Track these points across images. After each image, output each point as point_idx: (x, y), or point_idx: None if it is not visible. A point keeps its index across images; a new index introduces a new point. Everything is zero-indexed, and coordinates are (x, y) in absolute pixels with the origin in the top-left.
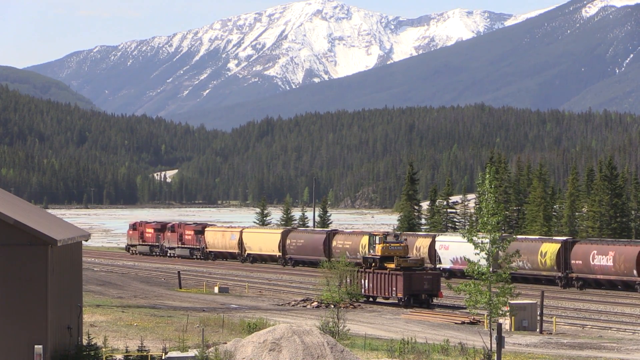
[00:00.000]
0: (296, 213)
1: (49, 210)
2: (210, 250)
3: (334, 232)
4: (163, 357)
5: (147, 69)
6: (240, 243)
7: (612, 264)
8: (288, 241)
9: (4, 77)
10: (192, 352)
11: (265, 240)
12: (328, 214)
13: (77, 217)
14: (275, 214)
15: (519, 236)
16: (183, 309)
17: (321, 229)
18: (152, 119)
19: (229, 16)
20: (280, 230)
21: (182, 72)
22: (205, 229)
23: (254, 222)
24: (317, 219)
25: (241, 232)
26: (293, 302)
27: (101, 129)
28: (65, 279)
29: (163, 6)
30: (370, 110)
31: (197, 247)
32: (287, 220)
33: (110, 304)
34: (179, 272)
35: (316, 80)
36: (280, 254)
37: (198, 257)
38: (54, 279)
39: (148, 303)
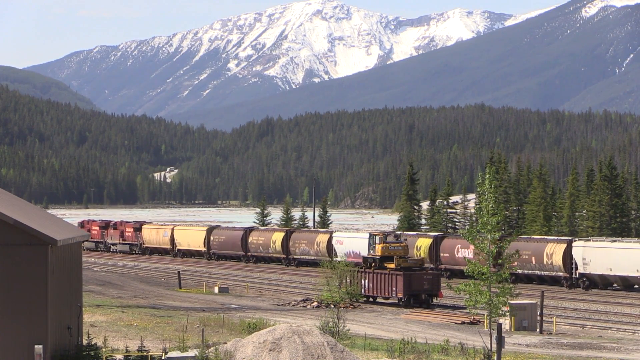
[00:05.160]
0: (296, 213)
1: (49, 210)
2: (147, 246)
3: (251, 229)
4: (163, 357)
5: (147, 69)
6: (172, 239)
7: (472, 256)
8: (212, 237)
9: (4, 77)
10: (192, 352)
11: (192, 237)
12: (328, 214)
13: (77, 217)
14: (275, 214)
15: (401, 232)
16: (183, 309)
17: (240, 226)
18: (152, 119)
19: (229, 16)
20: (205, 228)
21: (182, 72)
22: (142, 227)
23: (254, 222)
24: (317, 219)
25: (172, 230)
26: (293, 302)
27: (101, 129)
28: (65, 279)
29: (163, 6)
30: (370, 110)
31: (136, 243)
32: (287, 220)
33: (110, 304)
34: (179, 272)
35: (316, 80)
36: (205, 249)
37: (136, 252)
38: (54, 279)
39: (148, 303)
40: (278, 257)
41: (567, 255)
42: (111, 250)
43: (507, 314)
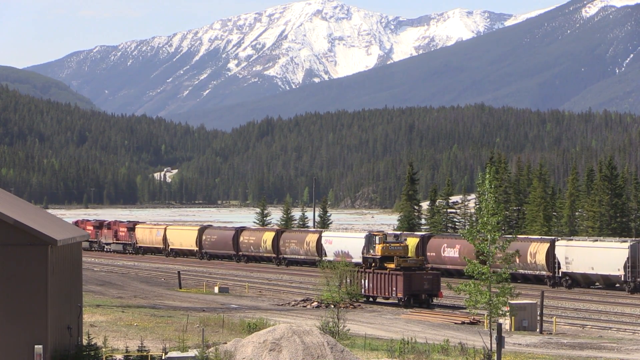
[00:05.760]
0: (296, 213)
1: (49, 210)
2: (140, 245)
3: (242, 229)
4: (163, 357)
5: (147, 69)
6: (165, 239)
7: (458, 255)
8: (204, 237)
9: (4, 77)
10: (192, 352)
11: (185, 236)
12: (328, 214)
13: (77, 217)
14: (275, 214)
15: (390, 232)
16: (183, 309)
17: (232, 226)
18: (152, 119)
19: (229, 16)
20: (197, 227)
21: (182, 72)
22: (136, 226)
23: (254, 222)
24: (317, 219)
25: (165, 229)
26: (293, 302)
27: (101, 129)
28: (65, 279)
29: (163, 6)
30: (370, 110)
31: (129, 242)
32: (287, 220)
33: (110, 304)
34: (179, 272)
35: (316, 80)
36: (197, 248)
37: (130, 251)
38: (54, 279)
39: (148, 303)
40: (269, 256)
41: (550, 255)
42: (105, 249)
43: (507, 314)
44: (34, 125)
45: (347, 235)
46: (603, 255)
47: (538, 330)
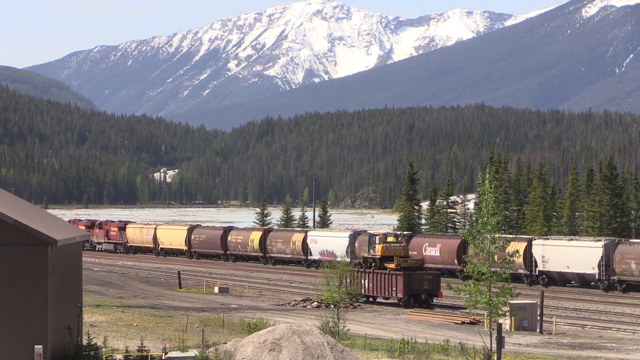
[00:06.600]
0: (296, 213)
1: (49, 210)
2: (131, 244)
3: (230, 228)
4: (163, 357)
5: (147, 69)
6: (155, 238)
7: (439, 254)
8: (193, 236)
9: (4, 77)
10: (192, 352)
11: (174, 236)
12: (328, 214)
13: (77, 217)
14: (276, 214)
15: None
16: (183, 309)
17: (220, 225)
18: (152, 119)
19: (229, 16)
20: (187, 227)
21: (182, 72)
22: (127, 226)
23: (254, 222)
24: (317, 219)
25: (155, 229)
26: (293, 302)
27: (101, 129)
28: (65, 279)
29: (163, 6)
30: (370, 110)
31: (120, 242)
32: (287, 220)
33: (110, 304)
34: (179, 272)
35: (316, 80)
36: (187, 247)
37: (121, 250)
38: (54, 279)
39: (148, 303)
40: (256, 255)
41: (528, 253)
42: (97, 249)
43: (507, 314)
44: (34, 125)
45: (331, 234)
46: (578, 254)
47: (538, 330)
